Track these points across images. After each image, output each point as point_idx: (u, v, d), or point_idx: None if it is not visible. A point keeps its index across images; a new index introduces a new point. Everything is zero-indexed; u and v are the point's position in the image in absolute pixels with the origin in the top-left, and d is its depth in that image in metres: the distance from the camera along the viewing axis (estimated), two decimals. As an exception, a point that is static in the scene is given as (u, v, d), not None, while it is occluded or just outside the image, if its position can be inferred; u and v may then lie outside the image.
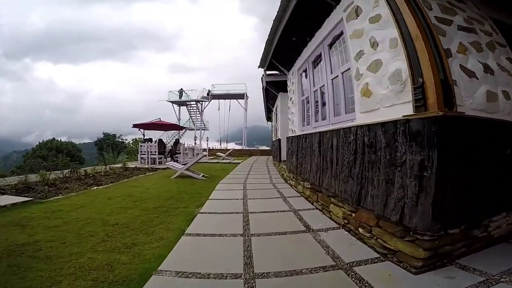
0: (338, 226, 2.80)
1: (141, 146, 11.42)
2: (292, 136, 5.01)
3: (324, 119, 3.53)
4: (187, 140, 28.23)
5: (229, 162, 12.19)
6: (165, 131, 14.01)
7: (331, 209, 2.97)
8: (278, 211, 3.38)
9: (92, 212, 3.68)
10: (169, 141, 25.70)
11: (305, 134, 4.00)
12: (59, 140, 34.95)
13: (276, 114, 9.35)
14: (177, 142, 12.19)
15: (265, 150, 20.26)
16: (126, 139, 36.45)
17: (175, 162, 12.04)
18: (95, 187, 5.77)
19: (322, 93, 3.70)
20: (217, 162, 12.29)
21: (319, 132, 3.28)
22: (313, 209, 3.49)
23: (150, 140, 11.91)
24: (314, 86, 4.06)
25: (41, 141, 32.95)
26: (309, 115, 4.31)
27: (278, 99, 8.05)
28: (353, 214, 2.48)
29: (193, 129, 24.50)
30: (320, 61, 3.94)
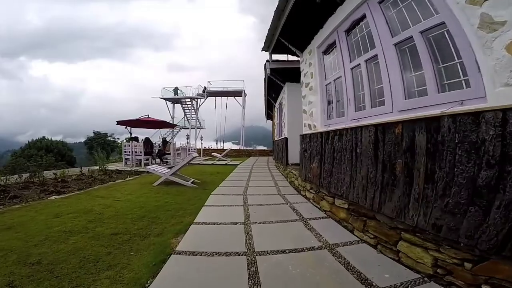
0: (421, 277, 1.61)
1: (125, 146, 10.07)
2: (311, 134, 3.78)
3: (378, 105, 2.30)
4: (182, 139, 26.90)
5: (226, 164, 10.91)
6: (155, 128, 12.65)
7: (402, 248, 1.76)
8: (303, 249, 2.13)
9: (17, 237, 2.47)
10: (160, 140, 24.36)
11: (338, 130, 2.77)
12: (49, 139, 33.46)
13: (281, 109, 8.12)
14: (165, 141, 10.85)
15: (264, 150, 19.00)
16: (119, 138, 34.90)
17: (164, 164, 10.72)
18: (53, 196, 4.47)
19: (370, 69, 2.48)
20: (212, 164, 11.00)
21: (375, 125, 2.05)
22: (358, 242, 2.26)
23: (135, 139, 10.56)
24: (351, 62, 2.84)
25: (30, 140, 31.44)
26: (340, 103, 3.09)
27: (285, 91, 6.83)
28: (467, 264, 1.30)
29: (188, 128, 23.13)
30: (359, 26, 2.76)
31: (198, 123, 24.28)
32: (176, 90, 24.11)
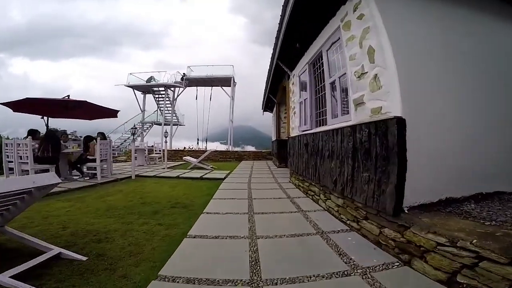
0: None
1: (5, 146, 5.24)
2: None
3: None
4: (153, 138, 21.84)
5: (201, 177, 6.27)
6: (84, 118, 7.73)
7: None
8: None
9: None
10: (122, 136, 18.97)
11: None
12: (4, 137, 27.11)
13: (326, 61, 3.59)
14: (89, 139, 6.05)
15: (261, 152, 14.40)
16: (81, 136, 29.17)
17: (86, 177, 5.95)
18: None
19: None
20: (177, 177, 6.32)
21: None
22: None
23: (33, 133, 5.76)
24: None
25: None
26: None
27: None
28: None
29: (160, 124, 18.17)
30: None
31: (175, 117, 19.36)
32: (150, 79, 19.11)
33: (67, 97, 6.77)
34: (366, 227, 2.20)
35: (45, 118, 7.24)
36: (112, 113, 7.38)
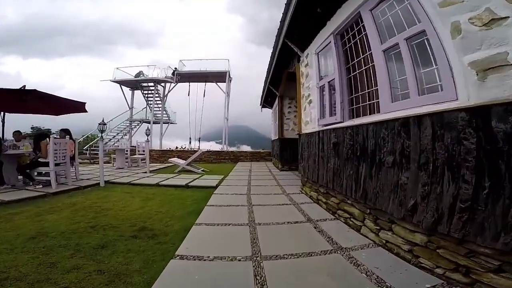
0: None
1: None
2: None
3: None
4: (141, 137, 20.41)
5: (187, 185, 5.00)
6: (48, 113, 6.31)
7: None
8: None
9: None
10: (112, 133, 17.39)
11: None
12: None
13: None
14: (41, 137, 4.67)
15: (259, 152, 13.08)
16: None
17: (38, 185, 4.61)
18: None
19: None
20: (157, 185, 5.04)
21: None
22: None
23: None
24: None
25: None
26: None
27: None
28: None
29: (149, 122, 16.74)
30: None
31: (165, 115, 17.98)
32: (139, 74, 17.68)
33: (23, 88, 5.43)
34: (494, 283, 1.04)
35: (1, 114, 5.98)
36: (79, 106, 6.01)
